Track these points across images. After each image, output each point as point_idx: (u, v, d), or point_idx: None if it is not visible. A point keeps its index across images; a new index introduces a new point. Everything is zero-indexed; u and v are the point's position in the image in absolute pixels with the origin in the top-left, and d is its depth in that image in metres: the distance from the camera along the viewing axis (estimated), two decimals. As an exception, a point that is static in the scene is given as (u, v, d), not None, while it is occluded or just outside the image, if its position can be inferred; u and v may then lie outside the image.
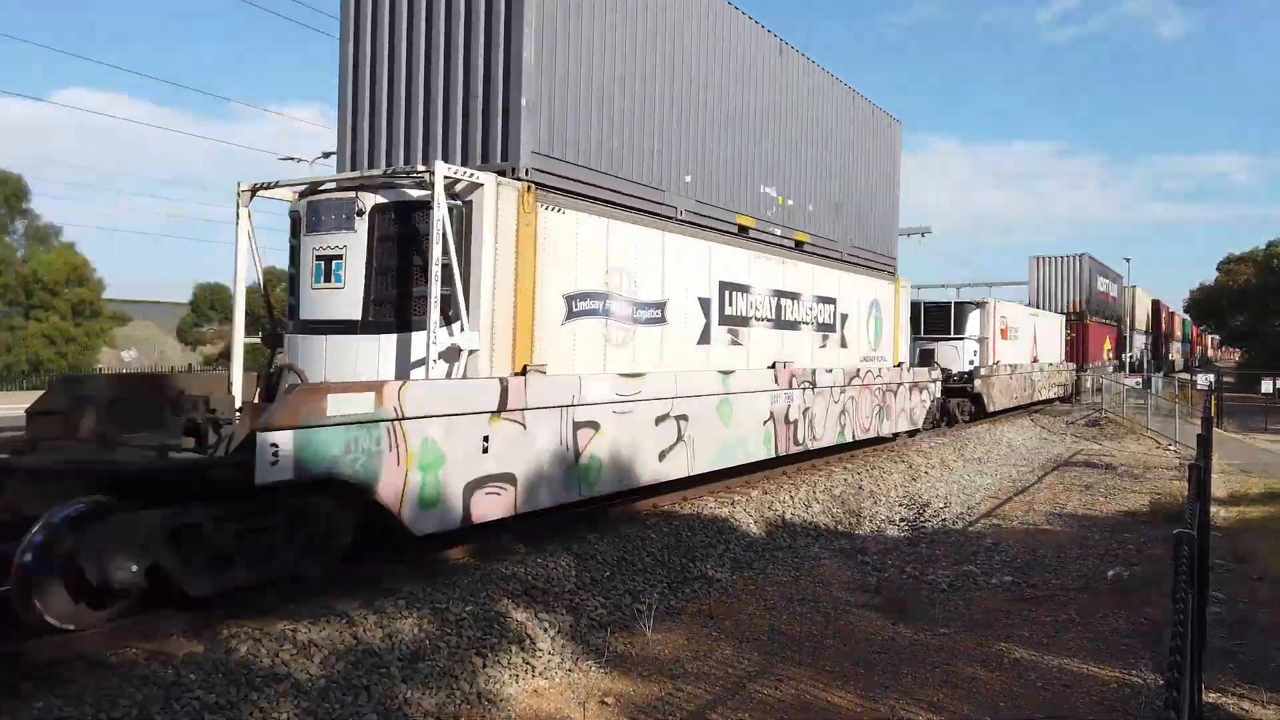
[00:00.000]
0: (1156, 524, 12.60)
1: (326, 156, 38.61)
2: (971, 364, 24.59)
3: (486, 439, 7.72)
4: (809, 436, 13.77)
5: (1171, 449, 22.44)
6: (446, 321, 7.85)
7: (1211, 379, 38.07)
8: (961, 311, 25.45)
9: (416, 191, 8.02)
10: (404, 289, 7.95)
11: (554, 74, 8.84)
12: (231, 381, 9.01)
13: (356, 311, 8.00)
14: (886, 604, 8.59)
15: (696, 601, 8.45)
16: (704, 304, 11.40)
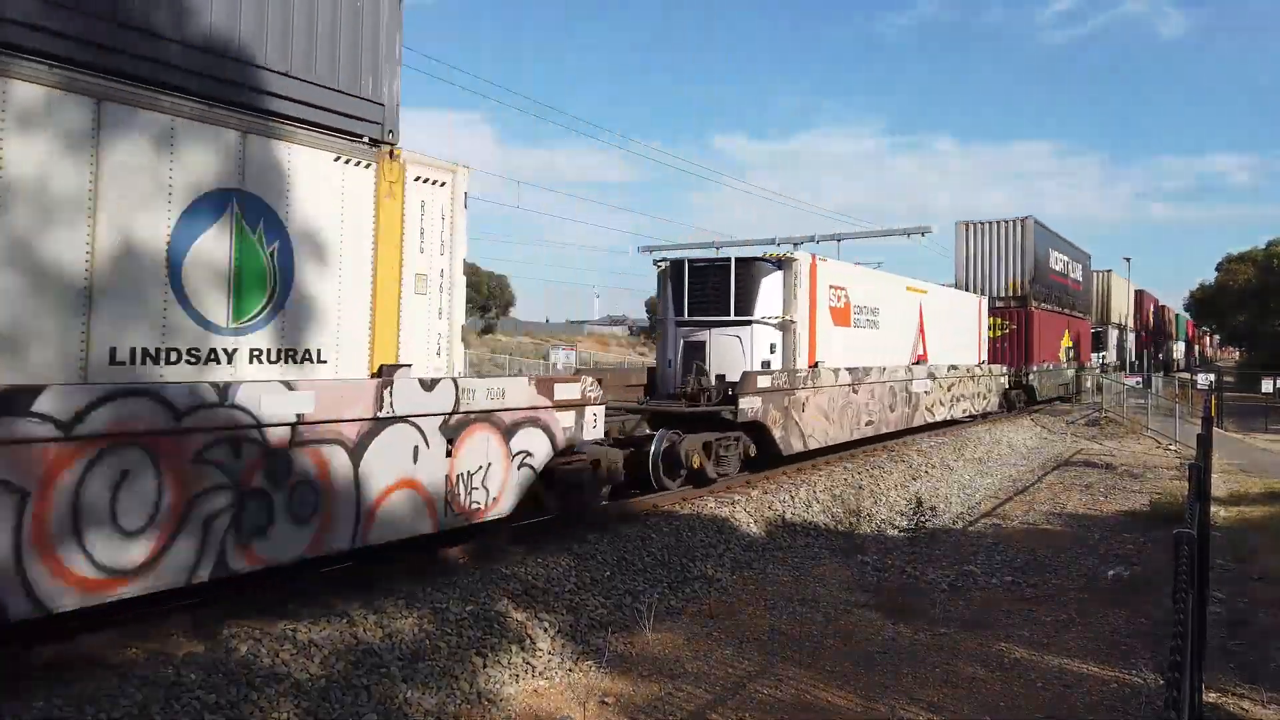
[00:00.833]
0: (1157, 524, 12.60)
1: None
2: (766, 364, 14.28)
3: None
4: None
5: (1172, 449, 22.44)
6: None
7: (1211, 379, 38.05)
8: (749, 275, 14.32)
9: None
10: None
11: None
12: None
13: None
14: (886, 604, 8.59)
15: (697, 601, 8.45)
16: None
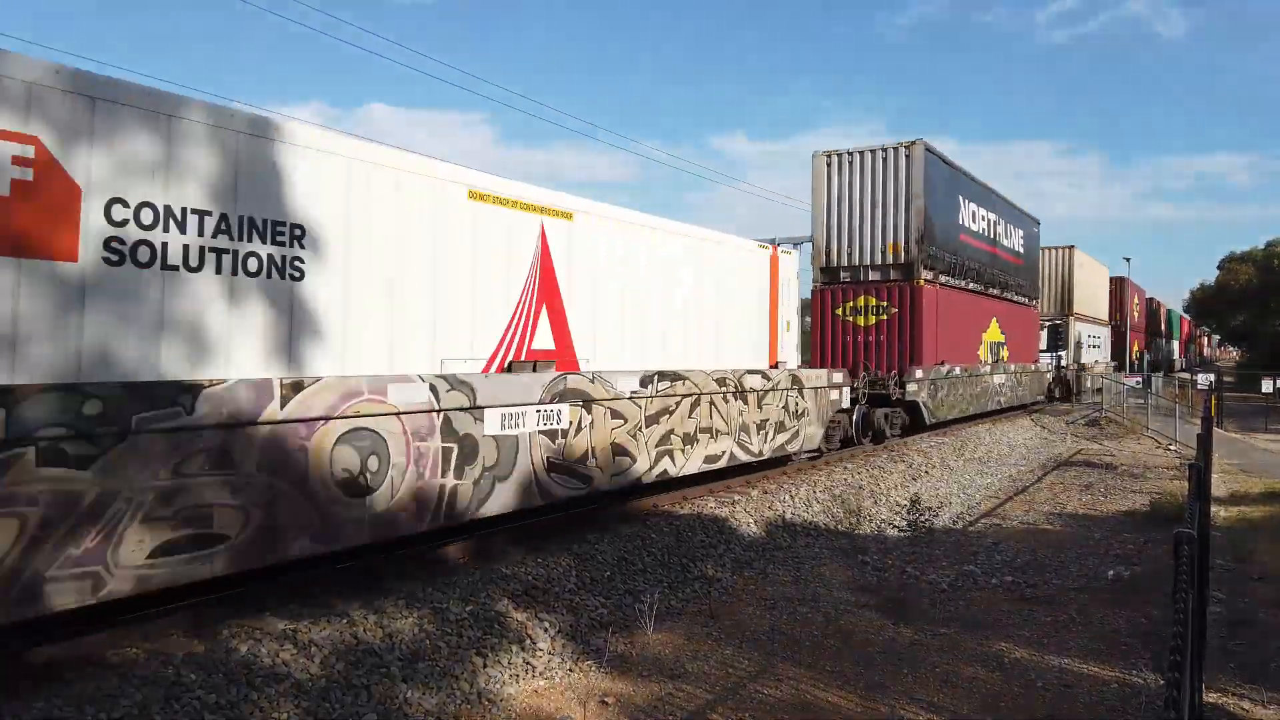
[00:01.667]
0: (1157, 524, 12.60)
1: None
2: None
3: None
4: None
5: (1172, 449, 22.44)
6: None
7: (1211, 379, 38.06)
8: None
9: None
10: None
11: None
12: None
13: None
14: (886, 604, 8.59)
15: (697, 601, 8.45)
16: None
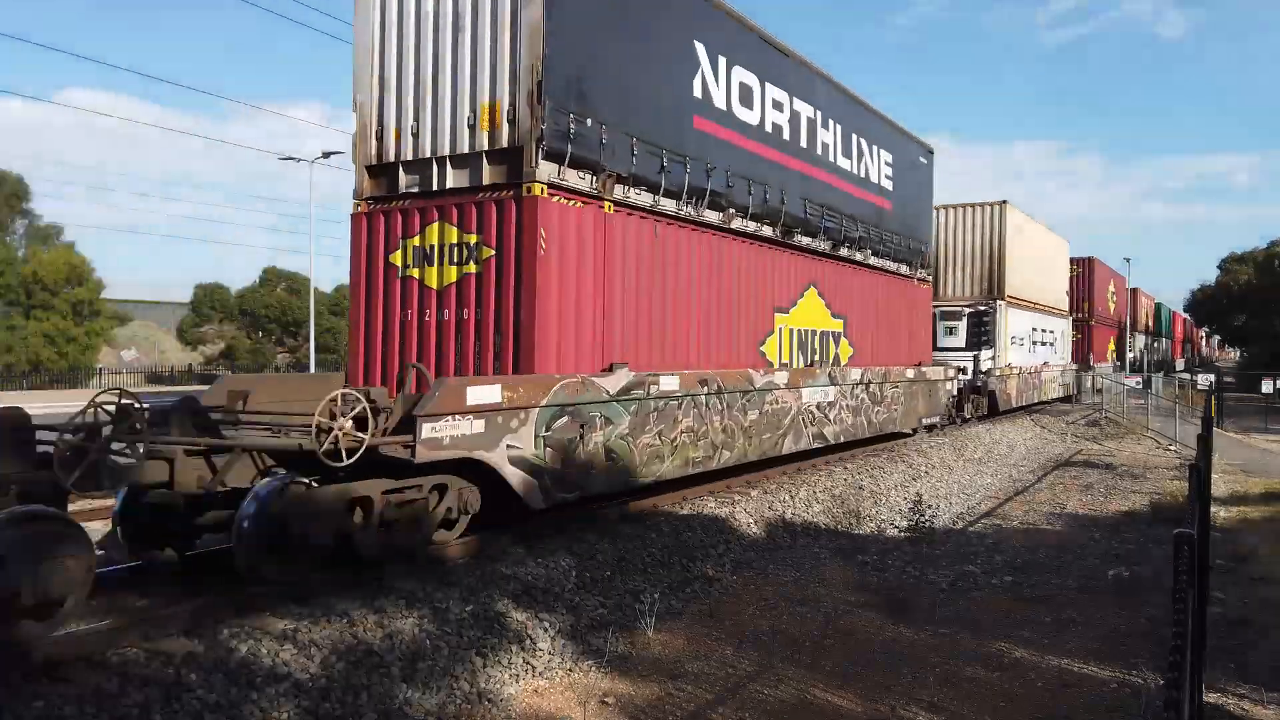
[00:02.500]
0: (1157, 524, 12.60)
1: (327, 156, 38.66)
2: None
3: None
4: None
5: (1172, 449, 22.44)
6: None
7: (1211, 379, 38.07)
8: None
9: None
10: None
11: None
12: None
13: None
14: (887, 604, 8.59)
15: (697, 601, 8.45)
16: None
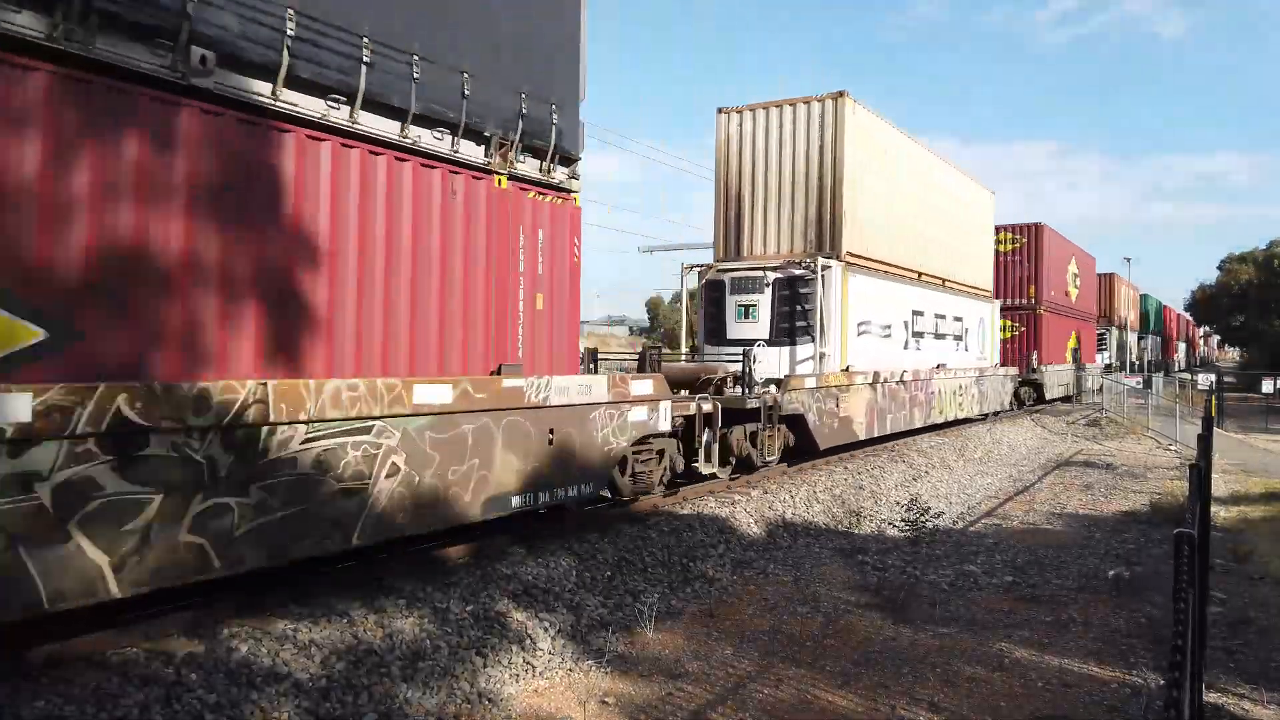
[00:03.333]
0: (1157, 524, 12.60)
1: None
2: None
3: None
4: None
5: (1172, 449, 22.43)
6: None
7: (1212, 379, 38.07)
8: None
9: (799, 270, 15.27)
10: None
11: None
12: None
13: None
14: (887, 604, 8.59)
15: (697, 601, 8.45)
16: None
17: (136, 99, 5.41)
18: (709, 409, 11.66)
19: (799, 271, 15.38)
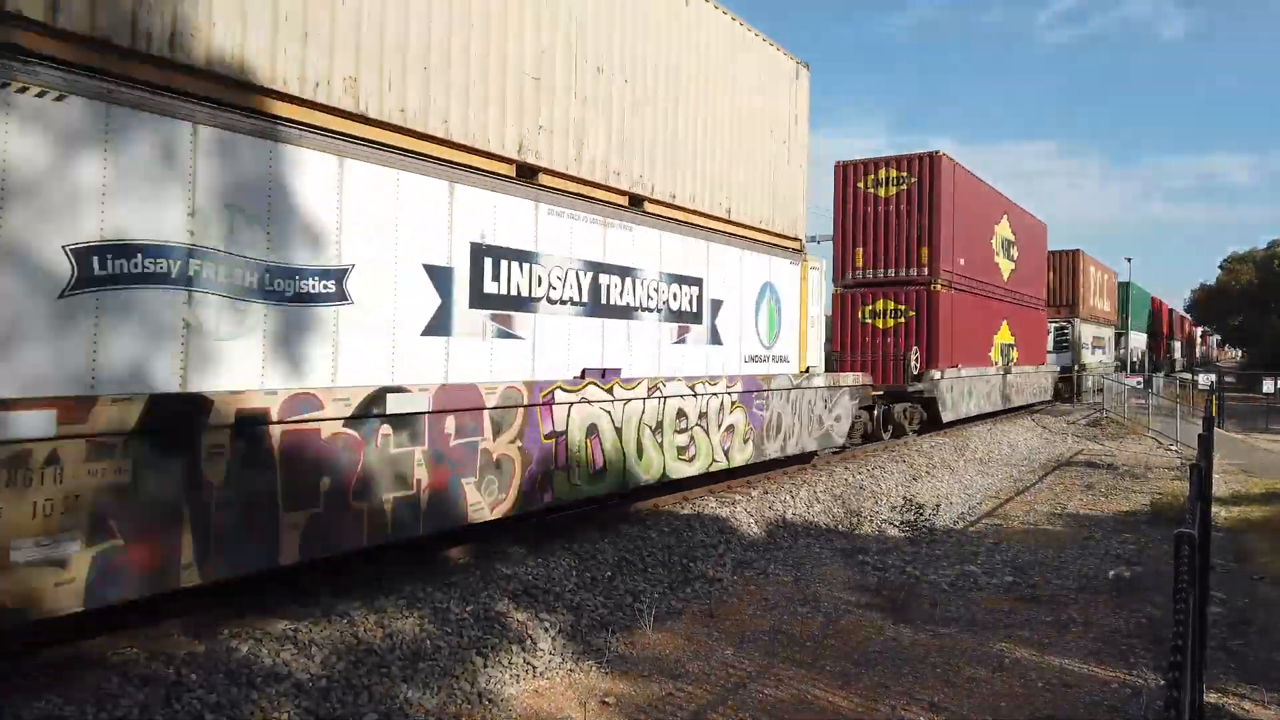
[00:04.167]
0: (1158, 524, 12.60)
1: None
2: None
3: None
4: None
5: (1173, 449, 22.43)
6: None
7: (1212, 379, 38.07)
8: None
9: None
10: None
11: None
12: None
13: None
14: (887, 604, 8.59)
15: (697, 601, 8.45)
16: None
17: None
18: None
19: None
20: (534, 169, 8.57)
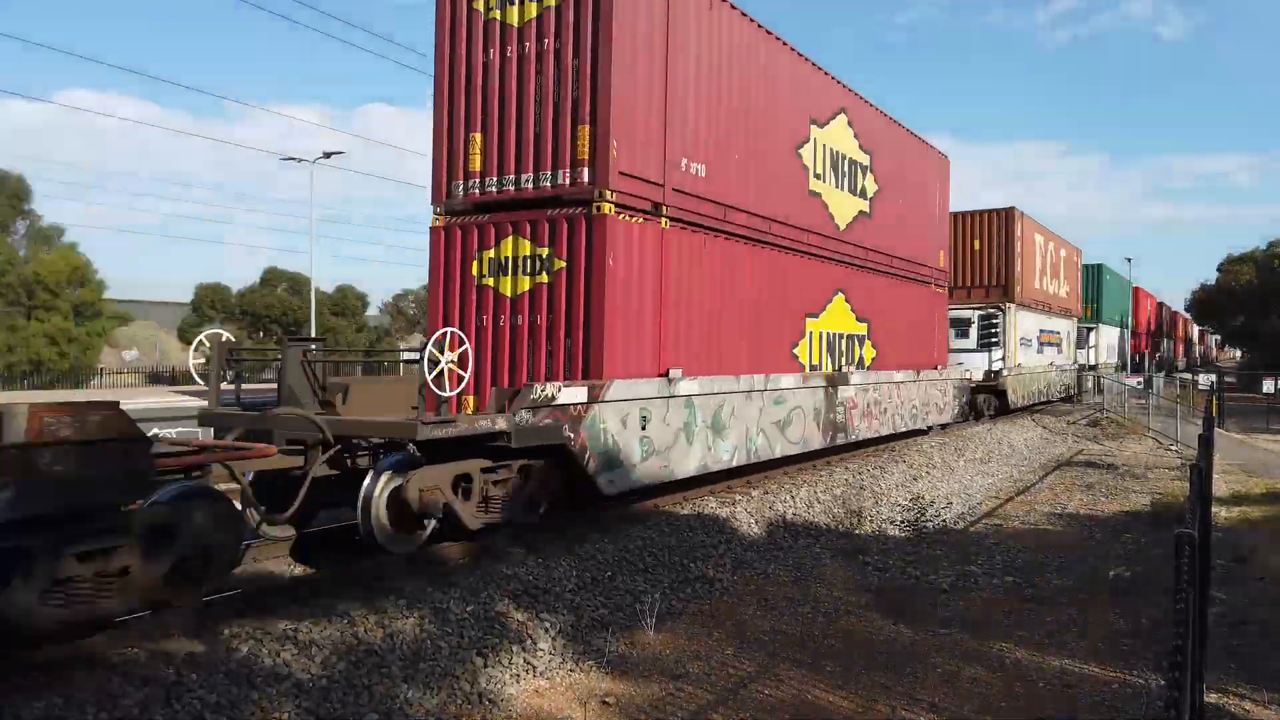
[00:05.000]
0: (1158, 524, 12.59)
1: (328, 156, 38.68)
2: None
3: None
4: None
5: (1173, 449, 22.43)
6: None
7: (1213, 379, 38.07)
8: None
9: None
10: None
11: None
12: None
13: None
14: (887, 604, 8.59)
15: (698, 602, 8.45)
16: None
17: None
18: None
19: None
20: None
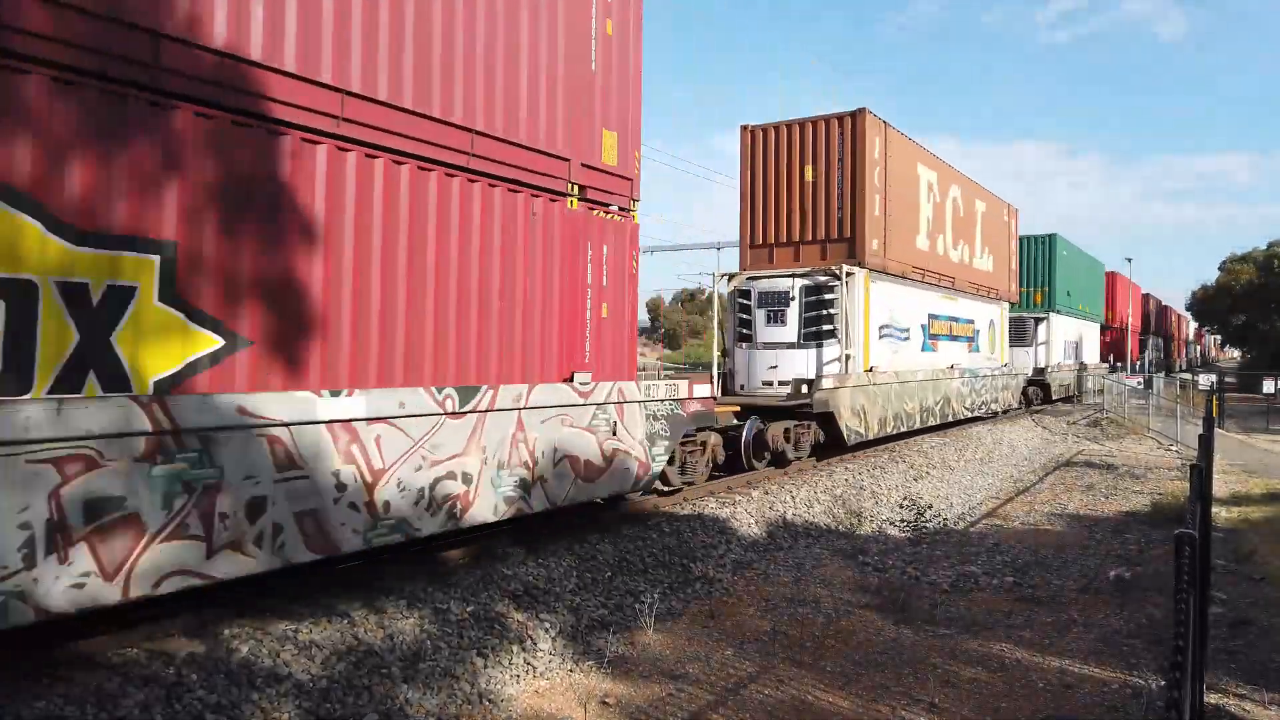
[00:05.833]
0: (1158, 524, 12.59)
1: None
2: None
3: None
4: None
5: (1173, 449, 22.42)
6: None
7: (1213, 379, 38.07)
8: None
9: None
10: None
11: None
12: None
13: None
14: (888, 605, 8.59)
15: (697, 602, 8.45)
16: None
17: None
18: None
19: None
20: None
